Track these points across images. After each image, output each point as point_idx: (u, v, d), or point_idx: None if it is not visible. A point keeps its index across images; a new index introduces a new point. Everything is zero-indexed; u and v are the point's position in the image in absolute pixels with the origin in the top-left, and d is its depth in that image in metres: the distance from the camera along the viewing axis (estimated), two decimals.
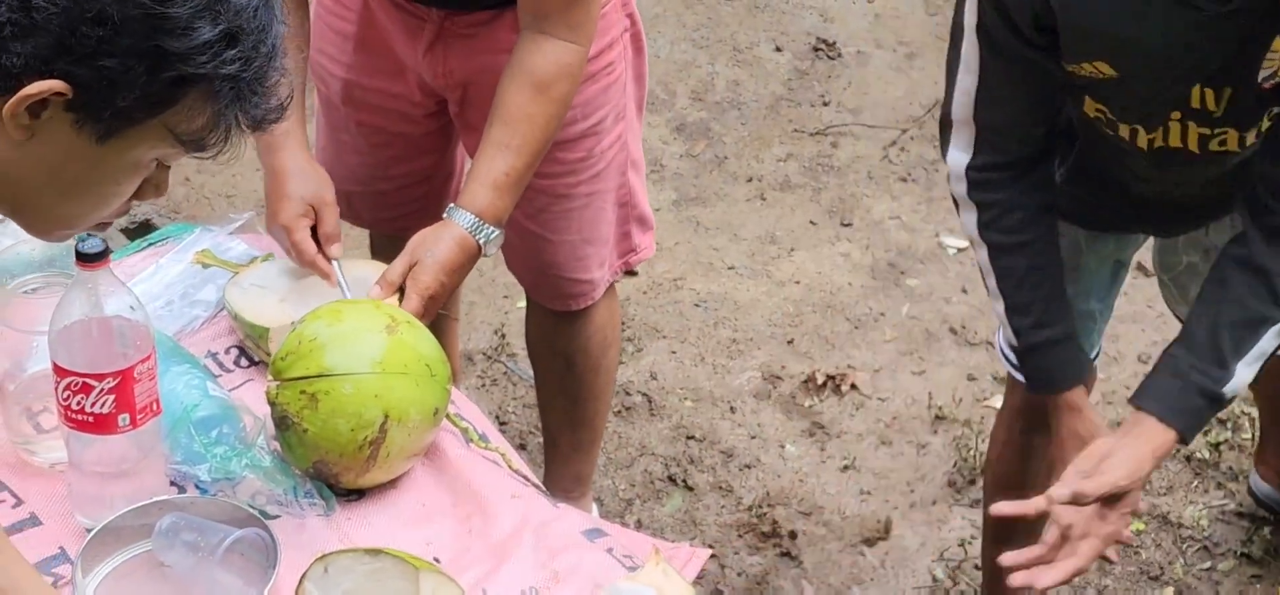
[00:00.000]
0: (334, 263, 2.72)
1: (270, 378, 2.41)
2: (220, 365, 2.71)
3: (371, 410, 2.35)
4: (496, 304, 4.49)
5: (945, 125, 2.67)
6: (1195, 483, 3.82)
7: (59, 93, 1.70)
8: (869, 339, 4.38)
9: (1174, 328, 2.84)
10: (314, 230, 2.75)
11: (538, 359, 3.44)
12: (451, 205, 2.69)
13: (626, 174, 3.17)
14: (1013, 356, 2.84)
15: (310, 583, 2.12)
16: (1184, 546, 3.69)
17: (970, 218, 2.69)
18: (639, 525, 3.69)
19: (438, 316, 3.34)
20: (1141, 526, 3.74)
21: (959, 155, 2.66)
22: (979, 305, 4.50)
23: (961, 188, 2.67)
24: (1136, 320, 4.35)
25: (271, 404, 2.38)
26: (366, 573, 2.10)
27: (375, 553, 2.11)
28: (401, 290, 2.64)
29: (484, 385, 4.21)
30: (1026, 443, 3.06)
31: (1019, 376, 2.86)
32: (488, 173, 2.68)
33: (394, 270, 2.64)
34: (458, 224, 2.67)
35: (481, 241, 2.67)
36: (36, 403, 2.54)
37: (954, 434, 4.01)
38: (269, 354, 2.66)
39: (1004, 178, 2.65)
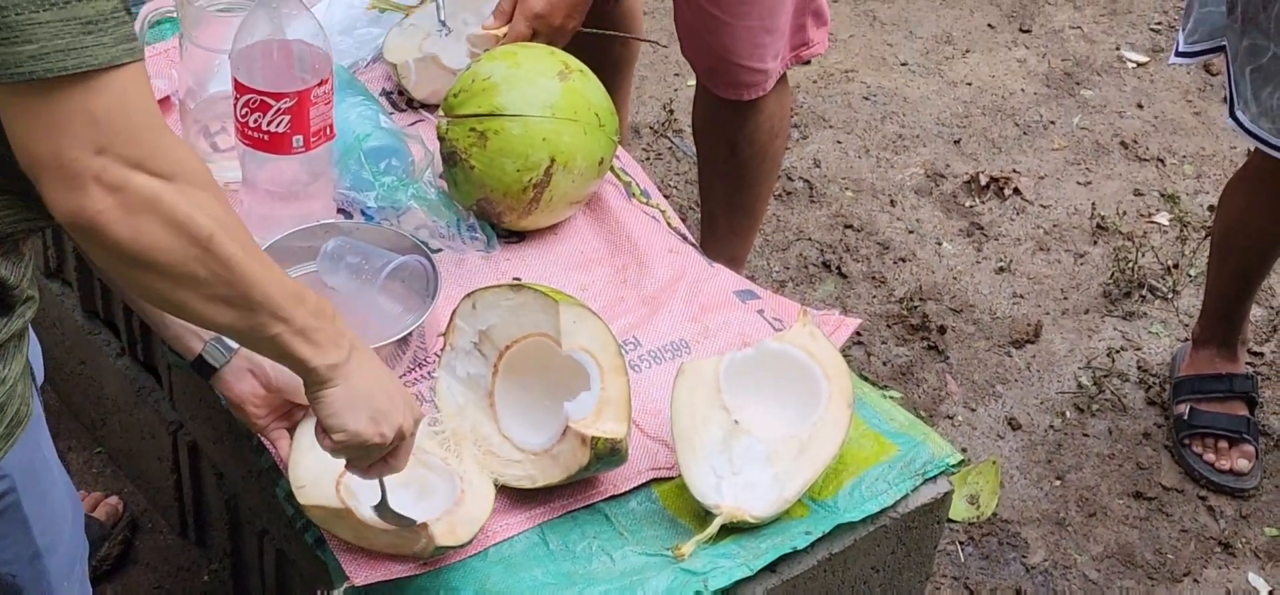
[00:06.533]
0: None
1: (442, 113, 2.46)
2: (392, 104, 2.77)
3: (539, 153, 2.40)
4: (666, 80, 4.50)
5: None
6: None
7: None
8: (1036, 145, 4.35)
9: None
10: None
11: (703, 142, 3.45)
12: None
13: None
14: None
15: (460, 318, 2.19)
16: None
17: None
18: None
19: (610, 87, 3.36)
20: None
21: None
22: (1153, 121, 4.44)
23: None
24: None
25: (441, 139, 2.44)
26: (510, 307, 2.16)
27: (517, 287, 2.17)
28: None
29: (649, 158, 4.24)
30: None
31: None
32: None
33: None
34: None
35: None
36: (214, 123, 2.62)
37: (1114, 245, 3.98)
38: (405, 87, 2.73)
39: None
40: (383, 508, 1.99)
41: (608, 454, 2.06)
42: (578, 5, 2.69)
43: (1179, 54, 3.19)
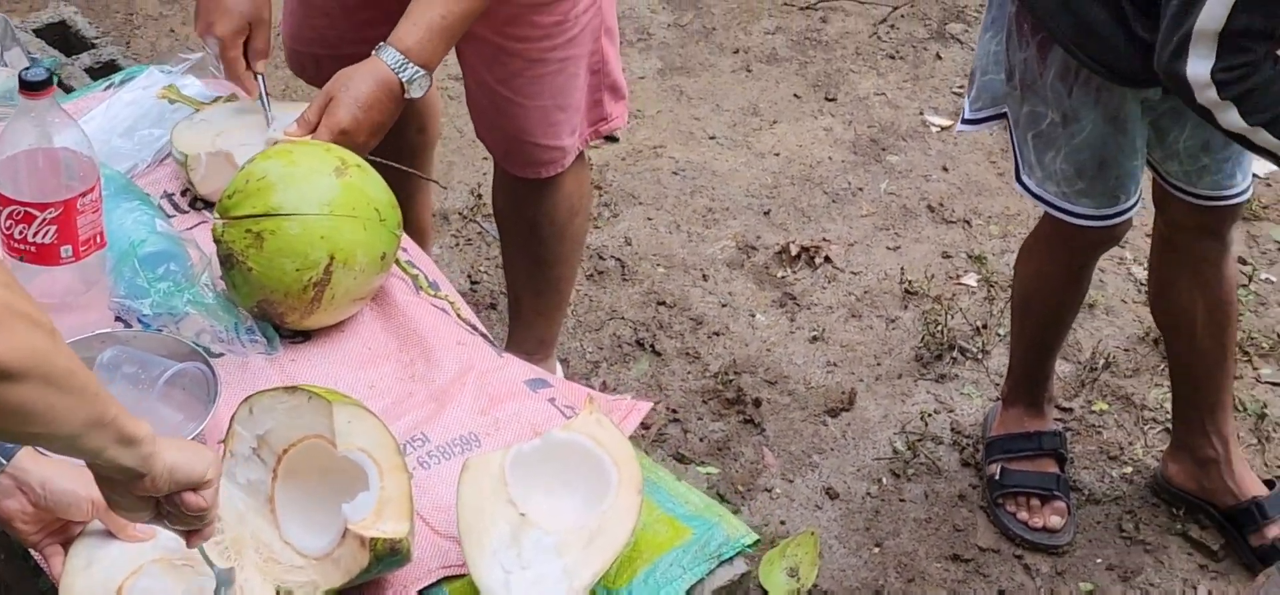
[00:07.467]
0: (258, 78, 2.75)
1: (216, 215, 2.40)
2: (175, 206, 2.71)
3: (317, 251, 2.35)
4: (475, 165, 4.47)
5: (1183, 44, 2.65)
6: (1161, 366, 3.82)
7: None
8: (846, 213, 4.37)
9: None
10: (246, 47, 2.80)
11: (503, 223, 3.42)
12: (381, 43, 2.67)
13: (600, 40, 3.13)
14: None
15: (238, 423, 2.14)
16: (1146, 428, 3.70)
17: (1231, 115, 2.69)
18: (604, 388, 3.69)
19: (412, 177, 3.32)
20: (1105, 406, 3.74)
21: (1200, 65, 2.65)
22: (958, 183, 4.48)
23: (1211, 93, 2.66)
24: None
25: (217, 241, 2.38)
26: (286, 410, 2.11)
27: (291, 390, 2.12)
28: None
29: (458, 245, 4.20)
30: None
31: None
32: (423, 14, 2.66)
33: (311, 108, 2.63)
34: (382, 61, 2.64)
35: (405, 80, 2.64)
36: None
37: (923, 309, 4.01)
38: (193, 182, 2.68)
39: (1252, 65, 2.65)
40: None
41: (388, 555, 2.01)
42: (380, 127, 2.66)
43: (965, 121, 3.22)
